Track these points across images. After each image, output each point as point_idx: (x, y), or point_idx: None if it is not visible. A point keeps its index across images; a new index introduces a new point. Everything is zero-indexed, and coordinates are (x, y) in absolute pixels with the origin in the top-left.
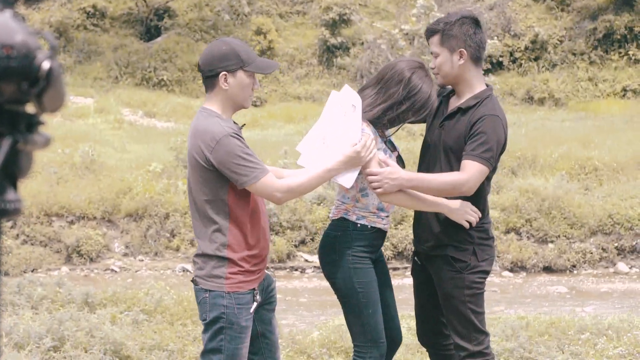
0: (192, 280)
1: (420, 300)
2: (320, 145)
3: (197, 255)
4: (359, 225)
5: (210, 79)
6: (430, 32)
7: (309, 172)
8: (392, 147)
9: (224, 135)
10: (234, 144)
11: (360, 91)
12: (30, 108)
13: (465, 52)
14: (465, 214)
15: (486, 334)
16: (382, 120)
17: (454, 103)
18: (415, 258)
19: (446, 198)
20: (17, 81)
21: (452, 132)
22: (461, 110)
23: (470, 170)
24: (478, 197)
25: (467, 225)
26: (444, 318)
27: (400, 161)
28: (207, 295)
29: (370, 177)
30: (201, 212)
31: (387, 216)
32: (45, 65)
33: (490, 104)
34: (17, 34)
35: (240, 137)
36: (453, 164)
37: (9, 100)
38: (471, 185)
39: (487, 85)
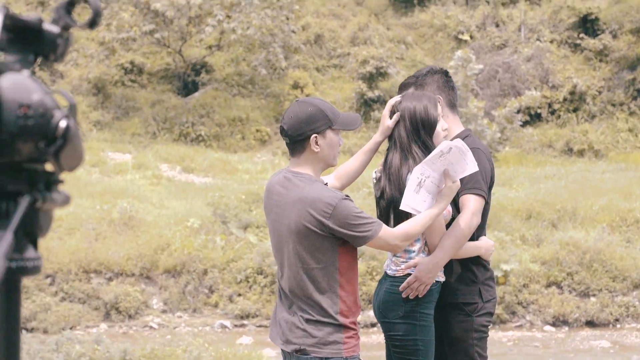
0: (298, 351)
1: (437, 350)
2: (419, 191)
3: (307, 322)
4: None
5: (299, 142)
6: (403, 86)
7: (418, 216)
8: None
9: (339, 199)
10: (349, 206)
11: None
12: (49, 166)
13: (440, 98)
14: (489, 247)
15: None
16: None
17: None
18: None
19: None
20: (34, 140)
21: None
22: None
23: (469, 205)
24: (478, 231)
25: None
26: None
27: None
28: None
29: (412, 287)
30: (311, 280)
31: None
32: (62, 124)
33: (470, 140)
34: (34, 93)
35: (349, 197)
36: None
37: (27, 159)
38: (476, 217)
39: (465, 128)
